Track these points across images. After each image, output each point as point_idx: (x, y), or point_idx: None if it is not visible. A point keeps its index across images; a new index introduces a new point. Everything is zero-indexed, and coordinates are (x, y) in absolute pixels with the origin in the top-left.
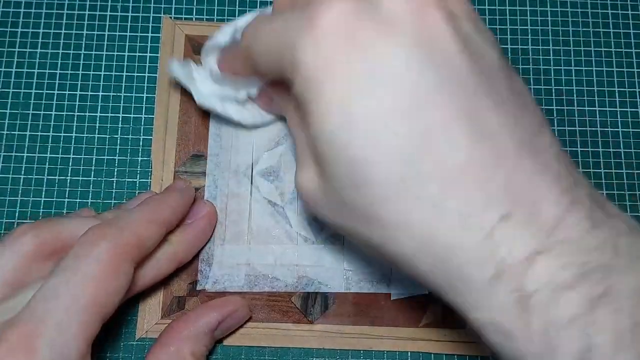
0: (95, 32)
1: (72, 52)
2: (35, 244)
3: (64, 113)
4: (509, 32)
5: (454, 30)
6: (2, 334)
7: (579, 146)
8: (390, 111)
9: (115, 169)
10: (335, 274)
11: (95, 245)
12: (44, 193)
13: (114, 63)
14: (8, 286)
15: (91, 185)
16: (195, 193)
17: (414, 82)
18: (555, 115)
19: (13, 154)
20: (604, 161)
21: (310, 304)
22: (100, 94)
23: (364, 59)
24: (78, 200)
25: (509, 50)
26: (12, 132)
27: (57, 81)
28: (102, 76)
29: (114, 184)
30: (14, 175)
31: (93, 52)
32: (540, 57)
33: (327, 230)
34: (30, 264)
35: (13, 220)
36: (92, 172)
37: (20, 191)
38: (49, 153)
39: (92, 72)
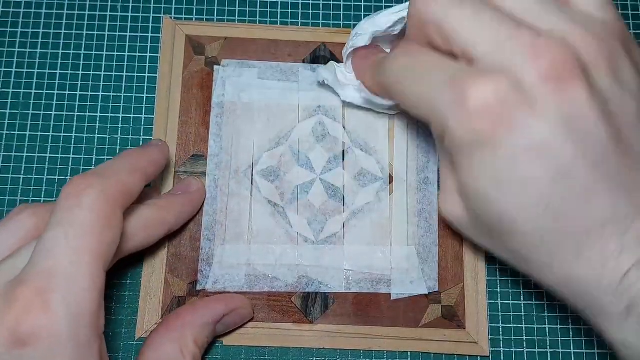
0: (95, 32)
1: (72, 52)
2: (33, 222)
3: (64, 113)
4: None
5: (591, 99)
6: (13, 292)
7: None
8: (537, 178)
9: None
10: (335, 274)
11: (83, 194)
12: (43, 193)
13: (114, 63)
14: None
15: None
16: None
17: (558, 155)
18: None
19: (13, 154)
20: None
21: (310, 304)
22: (100, 94)
23: (511, 133)
24: None
25: None
26: (12, 132)
27: (57, 81)
28: (102, 76)
29: None
30: (14, 175)
31: (93, 52)
32: None
33: (327, 230)
34: (28, 242)
35: None
36: None
37: (20, 191)
38: (49, 153)
39: (92, 72)
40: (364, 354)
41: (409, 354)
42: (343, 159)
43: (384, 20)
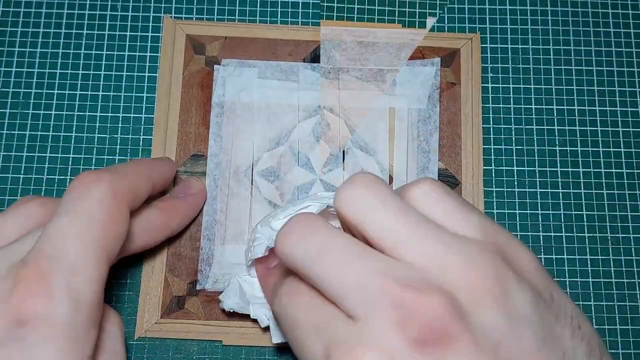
0: (95, 32)
1: (72, 52)
2: (41, 211)
3: (64, 113)
4: (509, 32)
5: (477, 352)
6: (17, 273)
7: (579, 146)
8: None
9: None
10: None
11: (92, 186)
12: (43, 193)
13: (114, 63)
14: None
15: None
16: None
17: None
18: (555, 115)
19: (13, 153)
20: (604, 161)
21: None
22: (100, 93)
23: None
24: None
25: (510, 49)
26: (12, 132)
27: (57, 81)
28: (102, 76)
29: None
30: (14, 175)
31: (93, 52)
32: (541, 56)
33: None
34: (35, 229)
35: None
36: None
37: (19, 191)
38: (48, 153)
39: (92, 72)
40: None
41: None
42: (343, 159)
43: (280, 224)
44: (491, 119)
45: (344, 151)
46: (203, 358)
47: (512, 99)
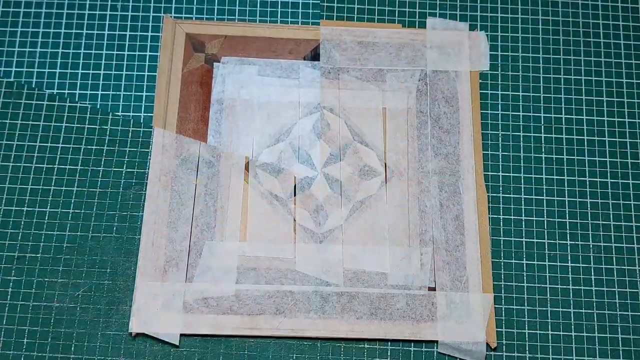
0: (95, 32)
1: (72, 51)
2: None
3: (65, 114)
4: (499, 39)
5: None
6: None
7: (565, 154)
8: None
9: (113, 166)
10: (335, 272)
11: None
12: (40, 191)
13: (114, 62)
14: None
15: (88, 183)
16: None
17: None
18: (542, 122)
19: (13, 153)
20: (589, 170)
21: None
22: (100, 93)
23: None
24: (74, 198)
25: (499, 57)
26: (12, 132)
27: (57, 81)
28: (101, 75)
29: (111, 181)
30: (12, 175)
31: (93, 52)
32: (530, 64)
33: (327, 228)
34: None
35: (9, 219)
36: (90, 171)
37: (17, 190)
38: (47, 153)
39: (91, 71)
40: (366, 350)
41: (412, 352)
42: (344, 156)
43: None
44: (489, 124)
45: (344, 148)
46: (205, 353)
47: (506, 106)
